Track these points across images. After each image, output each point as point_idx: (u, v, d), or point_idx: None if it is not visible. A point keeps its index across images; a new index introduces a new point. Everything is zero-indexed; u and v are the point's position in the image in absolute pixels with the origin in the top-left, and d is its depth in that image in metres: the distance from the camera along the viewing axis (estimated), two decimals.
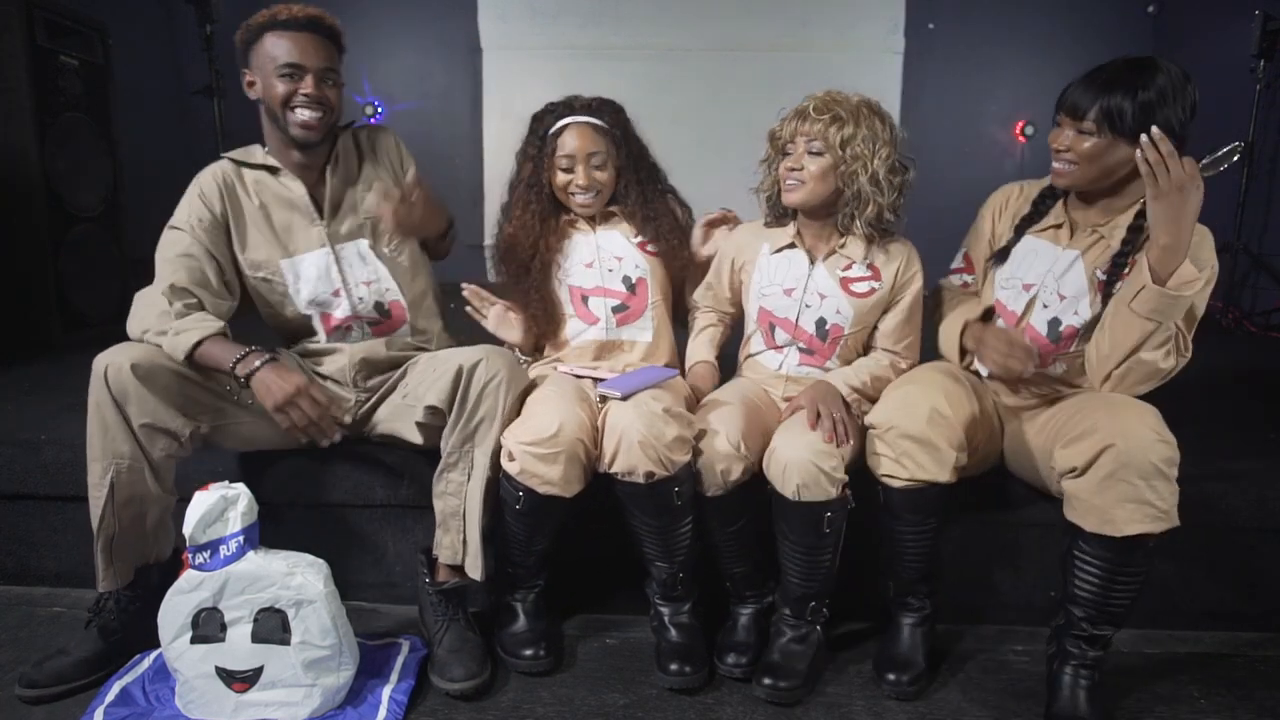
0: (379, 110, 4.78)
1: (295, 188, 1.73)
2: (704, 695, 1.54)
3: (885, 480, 1.51)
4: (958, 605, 1.76)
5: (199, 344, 1.55)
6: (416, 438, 1.68)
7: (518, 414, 1.57)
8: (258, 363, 1.53)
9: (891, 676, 1.54)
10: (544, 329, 1.86)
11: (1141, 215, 1.48)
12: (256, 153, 1.75)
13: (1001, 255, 1.66)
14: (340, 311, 1.76)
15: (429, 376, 1.62)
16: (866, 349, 1.78)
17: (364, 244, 1.76)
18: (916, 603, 1.62)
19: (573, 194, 1.80)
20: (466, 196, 4.48)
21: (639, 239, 1.86)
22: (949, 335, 1.71)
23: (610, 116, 1.82)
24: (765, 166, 1.75)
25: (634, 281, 1.85)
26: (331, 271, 1.74)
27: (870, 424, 1.54)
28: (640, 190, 1.85)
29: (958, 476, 1.50)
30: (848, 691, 1.56)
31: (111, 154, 3.34)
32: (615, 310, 1.83)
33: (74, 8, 3.16)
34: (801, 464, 1.46)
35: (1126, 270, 1.50)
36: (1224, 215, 3.88)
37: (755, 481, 1.55)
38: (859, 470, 1.56)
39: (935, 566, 1.62)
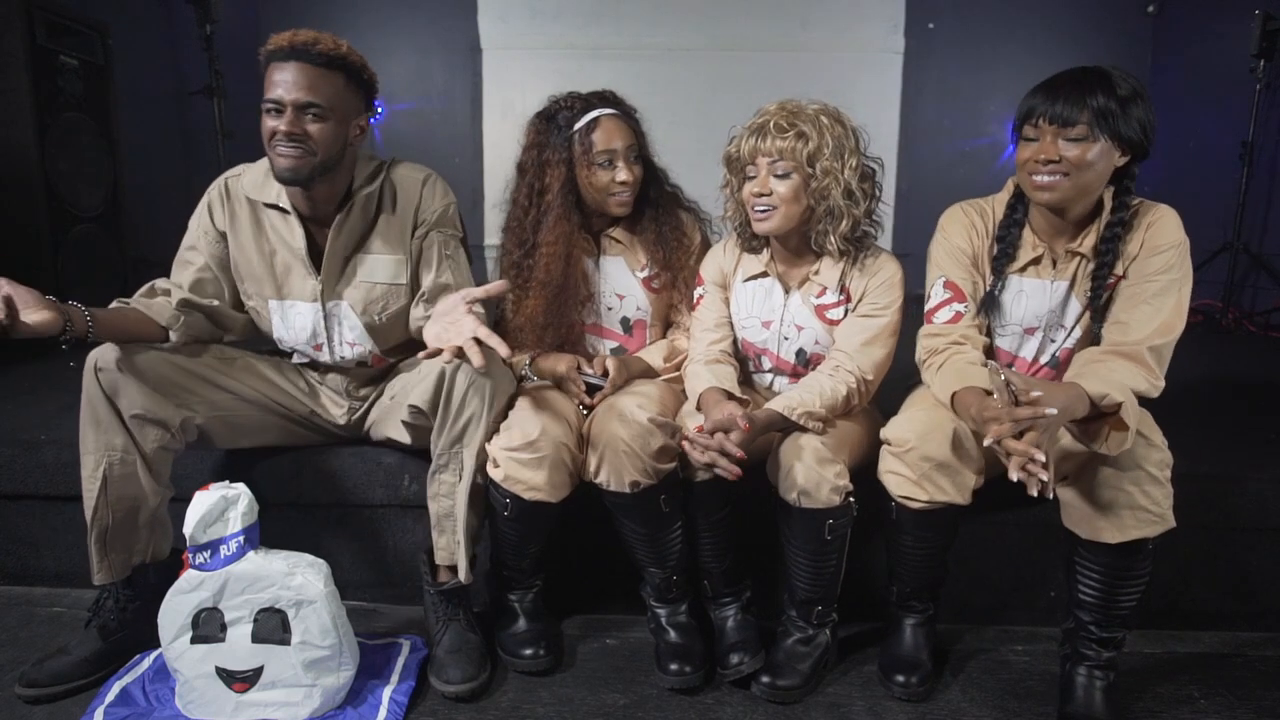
0: (379, 111, 4.78)
1: (297, 236, 1.62)
2: (704, 695, 1.54)
3: (902, 501, 1.48)
4: (958, 605, 1.75)
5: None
6: (405, 437, 1.68)
7: (504, 418, 1.56)
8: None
9: (900, 678, 1.53)
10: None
11: (1112, 226, 1.45)
12: (272, 186, 1.62)
13: (991, 302, 1.57)
14: (322, 357, 1.74)
15: (414, 378, 1.61)
16: None
17: (355, 308, 1.67)
18: (920, 605, 1.62)
19: (613, 194, 1.68)
20: (466, 196, 4.48)
21: (645, 272, 1.76)
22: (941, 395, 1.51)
23: (628, 108, 1.72)
24: (727, 192, 1.64)
25: (632, 324, 1.79)
26: (318, 328, 1.69)
27: (887, 439, 1.49)
28: (658, 191, 1.75)
29: (973, 498, 1.47)
30: (848, 692, 1.56)
31: (111, 154, 3.34)
32: (611, 352, 1.78)
33: (74, 8, 3.16)
34: (804, 470, 1.45)
35: (1111, 281, 1.48)
36: (1224, 215, 3.89)
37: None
38: (864, 472, 1.56)
39: (942, 575, 1.61)
